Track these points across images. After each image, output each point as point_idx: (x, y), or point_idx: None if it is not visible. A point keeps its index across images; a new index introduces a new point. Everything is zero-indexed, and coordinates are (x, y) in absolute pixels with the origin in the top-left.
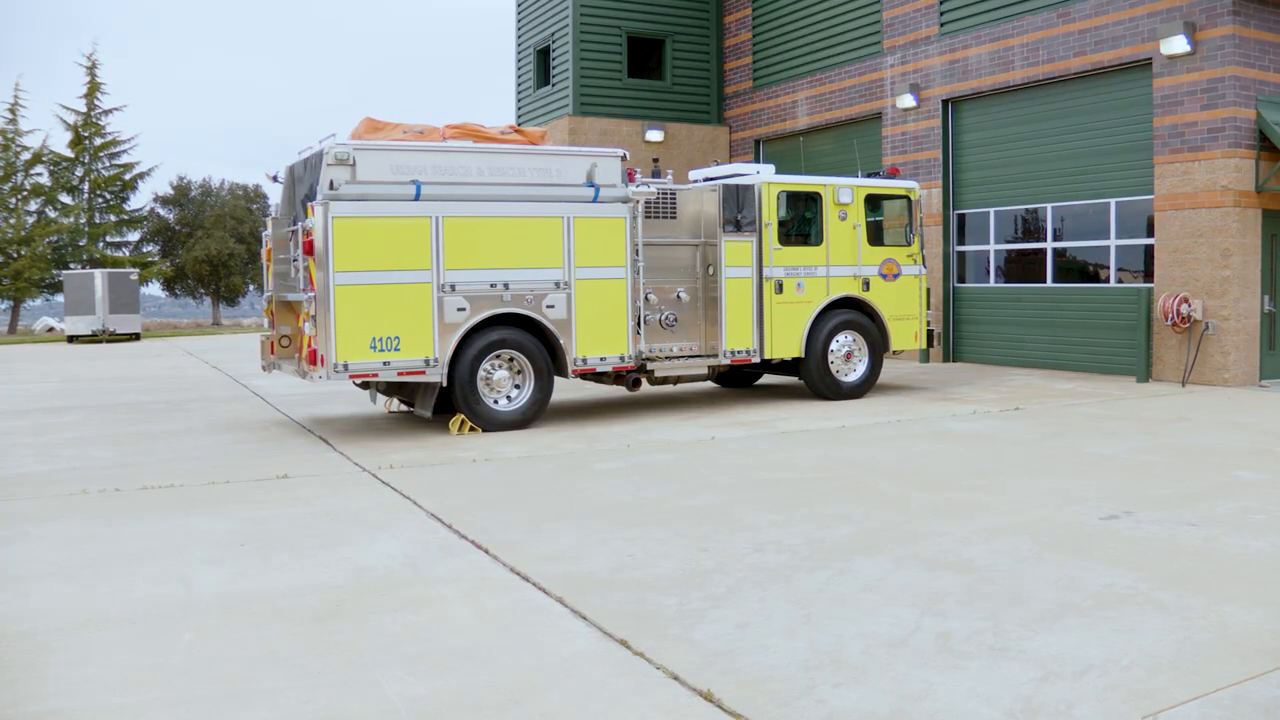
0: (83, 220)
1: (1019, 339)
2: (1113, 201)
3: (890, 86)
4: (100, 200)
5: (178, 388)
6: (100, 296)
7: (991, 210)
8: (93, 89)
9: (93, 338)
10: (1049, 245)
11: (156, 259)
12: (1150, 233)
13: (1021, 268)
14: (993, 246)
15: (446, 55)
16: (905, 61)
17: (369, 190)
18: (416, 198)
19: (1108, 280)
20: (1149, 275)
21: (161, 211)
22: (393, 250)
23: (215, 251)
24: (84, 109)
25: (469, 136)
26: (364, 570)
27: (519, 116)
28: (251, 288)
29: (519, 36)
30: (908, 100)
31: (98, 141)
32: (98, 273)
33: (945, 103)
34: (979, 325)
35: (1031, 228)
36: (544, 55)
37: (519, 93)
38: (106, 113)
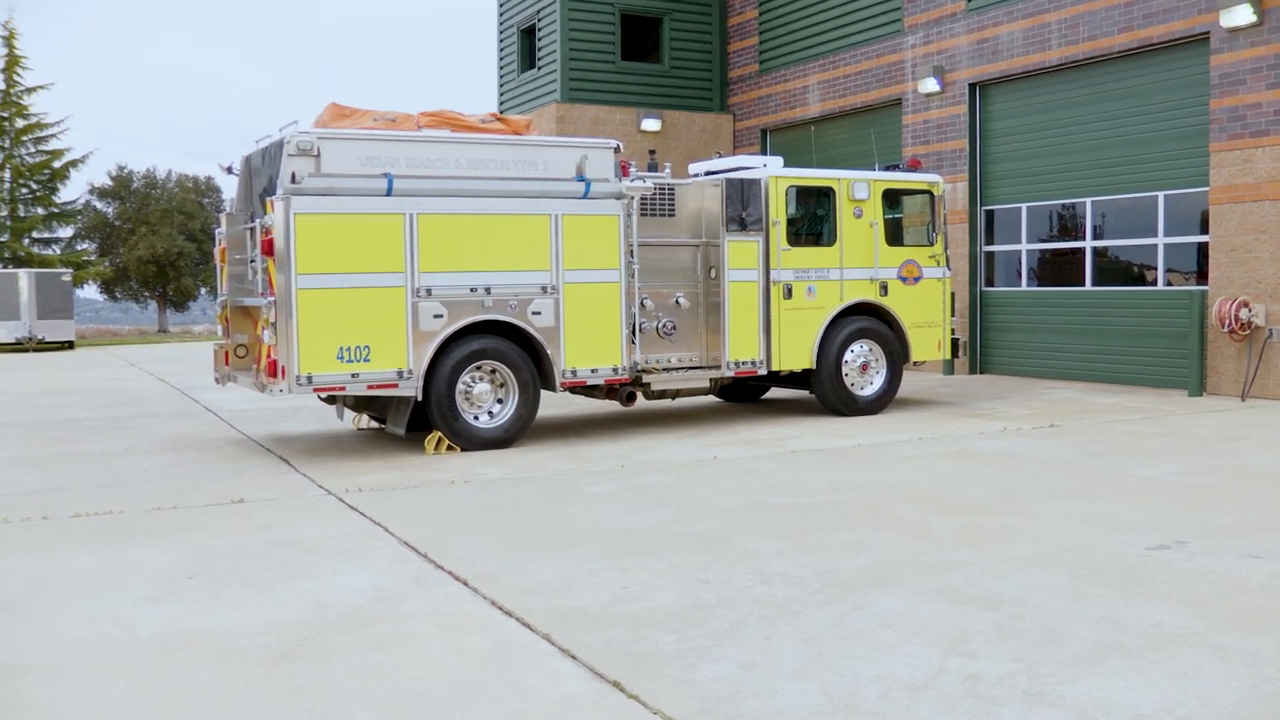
0: (4, 213)
1: (1054, 348)
2: (1161, 195)
3: (911, 69)
4: (25, 191)
5: (118, 402)
6: (26, 300)
7: (1023, 206)
8: (12, 63)
9: (18, 346)
10: (1088, 244)
11: (93, 258)
12: (1204, 229)
13: (1057, 269)
14: (1025, 246)
15: (422, 37)
16: (928, 41)
17: (335, 184)
18: (388, 193)
19: (1155, 283)
20: (1203, 276)
21: (99, 205)
22: (362, 250)
23: (161, 250)
24: (1, 86)
25: (446, 125)
26: (327, 605)
27: (501, 103)
28: (203, 291)
29: (501, 15)
30: (931, 84)
31: (20, 124)
32: (23, 273)
33: (972, 87)
34: (1009, 333)
35: (1069, 225)
36: (529, 35)
37: (501, 77)
38: (30, 91)
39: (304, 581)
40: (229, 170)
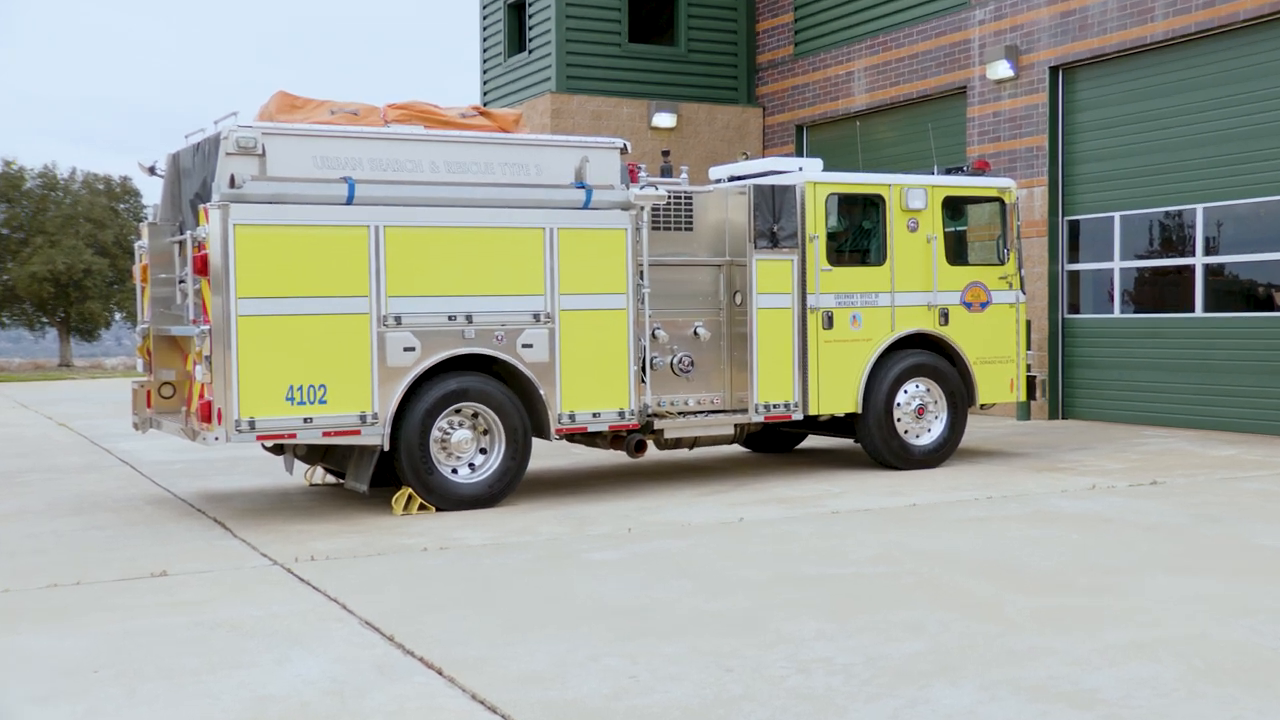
0: None
1: (1155, 388)
2: None
3: (978, 50)
4: None
5: (6, 453)
6: None
7: (1116, 215)
8: None
9: None
10: (1198, 260)
11: None
12: None
13: (1159, 292)
14: (1118, 264)
15: (391, 12)
16: (999, 16)
17: (284, 189)
18: (349, 200)
19: None
20: None
21: None
22: (317, 270)
23: (63, 266)
24: None
25: (419, 120)
26: (270, 701)
27: (485, 94)
28: (119, 317)
29: None
30: (1002, 68)
31: None
32: None
33: (1054, 70)
34: (1098, 370)
35: (1173, 237)
36: (518, 12)
37: (485, 62)
38: None
39: (241, 672)
40: (152, 170)
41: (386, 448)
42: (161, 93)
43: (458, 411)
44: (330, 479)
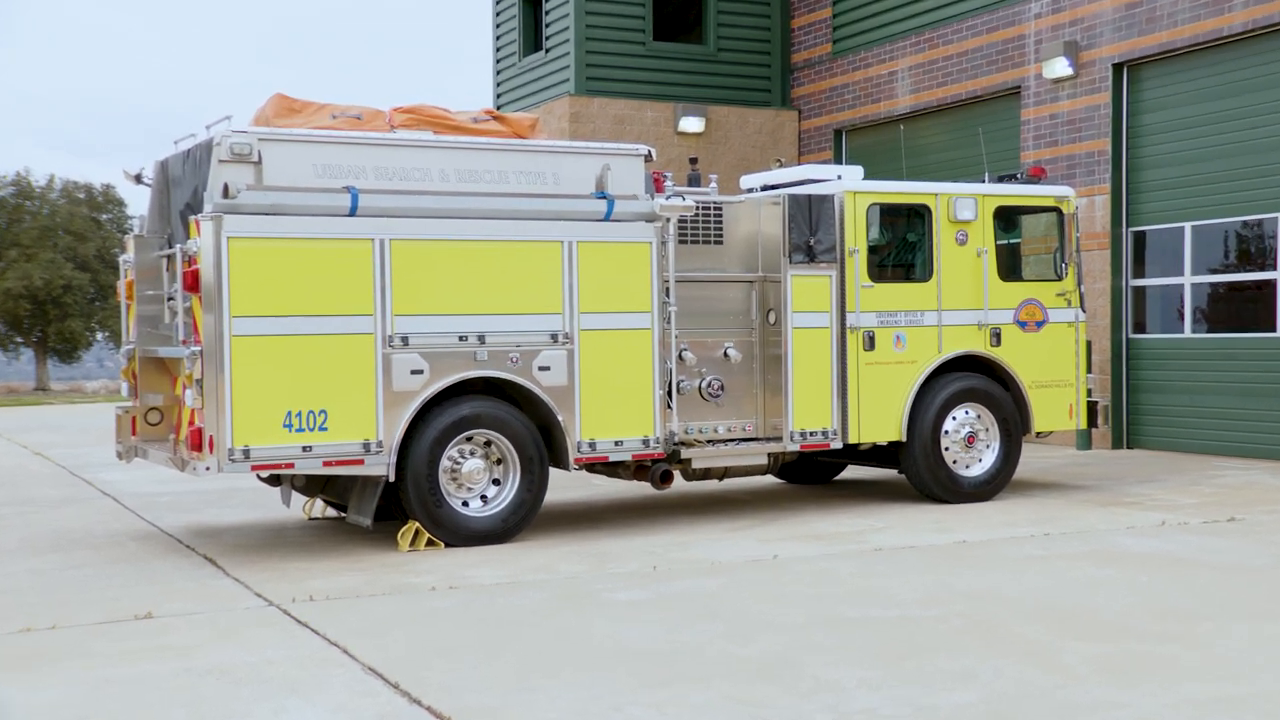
0: None
1: (1231, 415)
2: None
3: (1034, 47)
4: None
5: None
6: None
7: (1186, 225)
8: None
9: None
10: None
11: None
12: None
13: (1234, 309)
14: (1189, 279)
15: (397, 9)
16: (1058, 9)
17: (282, 199)
18: (352, 211)
19: None
20: None
21: None
22: (317, 287)
23: (40, 282)
24: None
25: (427, 125)
26: None
27: (498, 97)
28: (101, 337)
29: None
30: (1061, 66)
31: None
32: None
33: (1118, 68)
34: (1167, 395)
35: (1251, 249)
36: (534, 8)
37: (498, 63)
38: None
39: None
40: (138, 179)
41: (392, 478)
42: (159, 93)
43: (469, 439)
44: (331, 512)
